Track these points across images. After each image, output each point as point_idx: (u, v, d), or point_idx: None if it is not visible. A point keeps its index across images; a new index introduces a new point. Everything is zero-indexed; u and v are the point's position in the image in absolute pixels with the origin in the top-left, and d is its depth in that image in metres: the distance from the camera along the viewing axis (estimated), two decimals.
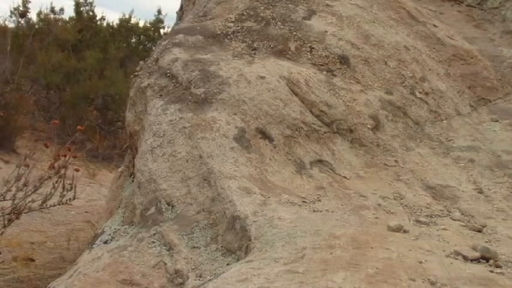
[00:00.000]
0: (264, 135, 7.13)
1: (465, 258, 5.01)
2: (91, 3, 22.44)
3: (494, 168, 7.41)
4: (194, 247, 5.94)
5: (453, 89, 8.81)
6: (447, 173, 7.31)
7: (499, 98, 8.91)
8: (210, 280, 5.19)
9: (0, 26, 20.74)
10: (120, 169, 9.72)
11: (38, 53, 19.73)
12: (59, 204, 8.10)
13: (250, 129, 7.09)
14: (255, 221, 5.70)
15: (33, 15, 23.43)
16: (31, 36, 19.75)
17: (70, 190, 8.62)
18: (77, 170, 9.22)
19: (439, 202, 6.73)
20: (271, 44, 8.43)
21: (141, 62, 9.03)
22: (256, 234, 5.54)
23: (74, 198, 8.56)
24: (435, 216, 6.36)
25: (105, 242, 6.63)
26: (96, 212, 12.77)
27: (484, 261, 5.04)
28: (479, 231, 6.00)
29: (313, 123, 7.50)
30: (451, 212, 6.52)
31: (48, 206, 7.76)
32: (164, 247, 6.02)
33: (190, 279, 5.61)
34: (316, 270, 4.55)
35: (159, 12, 23.36)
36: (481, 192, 6.96)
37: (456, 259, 4.97)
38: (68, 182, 8.82)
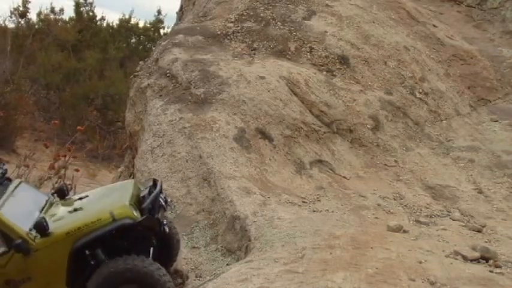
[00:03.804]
0: (264, 135, 7.14)
1: (465, 258, 5.02)
2: (91, 4, 22.44)
3: (494, 168, 7.42)
4: (194, 247, 5.96)
5: (453, 89, 8.82)
6: (447, 173, 7.32)
7: (499, 98, 8.92)
8: (209, 280, 5.20)
9: (0, 26, 20.73)
10: (119, 169, 9.74)
11: (37, 53, 19.71)
12: None
13: (250, 129, 7.11)
14: (254, 221, 5.72)
15: (33, 16, 23.40)
16: (31, 37, 19.71)
17: (70, 190, 8.63)
18: (77, 171, 9.25)
19: (439, 202, 6.74)
20: (271, 44, 8.44)
21: (141, 62, 9.05)
22: (256, 234, 5.55)
23: None
24: (435, 216, 6.37)
25: None
26: None
27: (484, 261, 5.05)
28: (479, 231, 6.01)
29: (313, 124, 7.51)
30: (450, 212, 6.53)
31: None
32: None
33: (190, 279, 5.62)
34: (316, 270, 4.56)
35: (159, 12, 23.36)
36: (480, 192, 6.97)
37: (456, 259, 4.98)
38: (68, 182, 8.84)
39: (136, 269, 4.88)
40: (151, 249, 5.21)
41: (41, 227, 4.96)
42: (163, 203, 5.41)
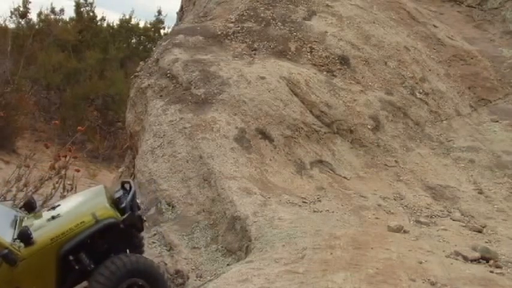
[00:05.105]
0: (264, 135, 7.15)
1: (465, 258, 5.02)
2: (91, 4, 22.47)
3: (494, 168, 7.42)
4: (194, 247, 5.96)
5: (453, 90, 8.83)
6: (447, 174, 7.32)
7: (499, 98, 8.92)
8: (210, 280, 5.21)
9: (0, 27, 20.73)
10: (120, 169, 9.75)
11: (38, 54, 19.71)
12: None
13: (251, 129, 7.11)
14: (255, 222, 5.72)
15: (33, 16, 23.39)
16: (31, 37, 19.72)
17: (70, 191, 8.64)
18: (78, 171, 9.25)
19: (439, 202, 6.75)
20: (271, 44, 8.44)
21: (142, 63, 9.05)
22: (256, 234, 5.55)
23: None
24: (435, 216, 6.37)
25: None
26: None
27: (484, 261, 5.06)
28: (480, 231, 6.02)
29: (314, 124, 7.51)
30: (451, 212, 6.53)
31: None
32: (164, 247, 6.03)
33: (191, 280, 5.63)
34: (316, 270, 4.56)
35: (159, 12, 23.36)
36: (481, 192, 6.97)
37: (456, 259, 4.98)
38: (69, 182, 8.84)
39: (143, 264, 4.93)
40: (128, 250, 5.22)
41: (25, 236, 4.91)
42: (139, 202, 5.49)
